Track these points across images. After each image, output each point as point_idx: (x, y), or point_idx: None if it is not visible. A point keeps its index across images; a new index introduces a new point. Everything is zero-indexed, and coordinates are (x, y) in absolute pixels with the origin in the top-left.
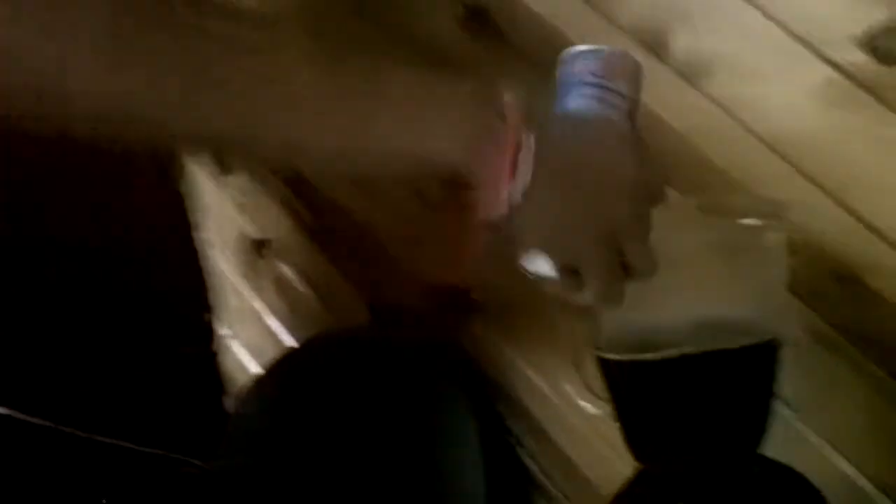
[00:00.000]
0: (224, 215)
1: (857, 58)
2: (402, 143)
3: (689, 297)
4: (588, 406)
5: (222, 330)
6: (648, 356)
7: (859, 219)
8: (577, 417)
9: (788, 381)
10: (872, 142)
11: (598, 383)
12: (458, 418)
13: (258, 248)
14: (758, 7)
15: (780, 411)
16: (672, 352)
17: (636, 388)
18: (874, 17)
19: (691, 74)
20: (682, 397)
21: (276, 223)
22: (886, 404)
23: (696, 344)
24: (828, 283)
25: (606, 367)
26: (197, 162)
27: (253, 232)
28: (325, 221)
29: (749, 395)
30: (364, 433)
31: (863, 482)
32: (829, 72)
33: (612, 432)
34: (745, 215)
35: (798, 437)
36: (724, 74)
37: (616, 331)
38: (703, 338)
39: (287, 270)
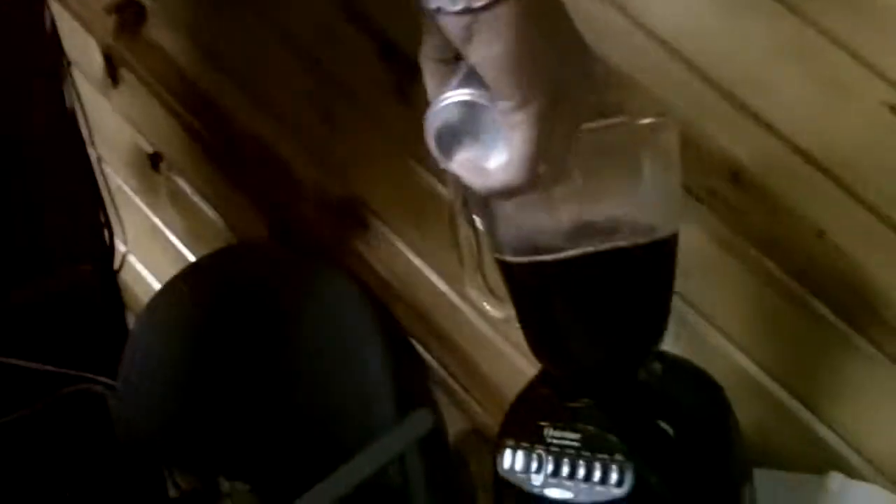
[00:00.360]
0: (116, 129)
1: None
2: None
3: (583, 197)
4: (491, 309)
5: (121, 247)
6: (545, 257)
7: (756, 119)
8: (480, 320)
9: (686, 279)
10: (770, 41)
11: (500, 286)
12: (361, 327)
13: (153, 162)
14: None
15: (679, 309)
16: (567, 253)
17: (536, 289)
18: None
19: None
20: (582, 297)
21: (169, 137)
22: (782, 301)
23: (592, 244)
24: (724, 182)
25: (506, 269)
26: (84, 75)
27: (146, 146)
28: (220, 135)
29: (647, 294)
30: (267, 344)
31: (761, 376)
32: None
33: (516, 334)
34: (639, 115)
35: (697, 333)
36: None
37: (512, 235)
38: (599, 238)
39: (184, 185)
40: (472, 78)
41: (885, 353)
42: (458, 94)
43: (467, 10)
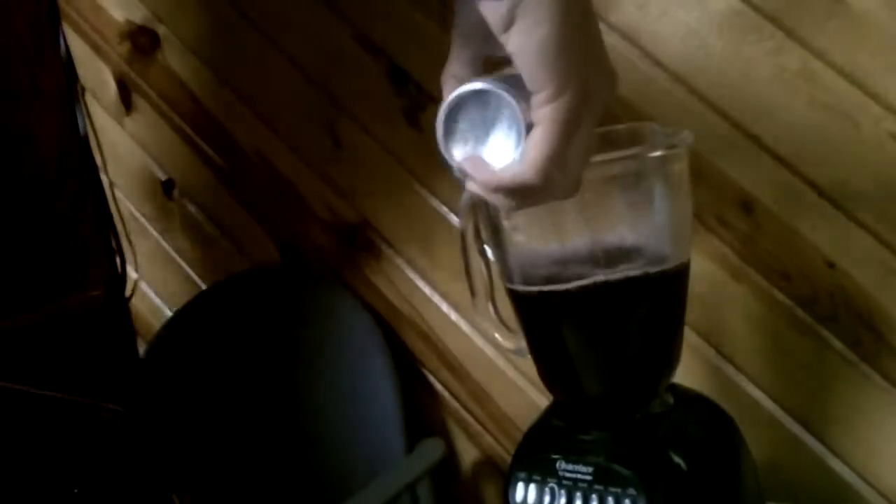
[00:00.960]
0: (129, 156)
1: None
2: None
3: (595, 227)
4: (502, 340)
5: (133, 273)
6: (556, 287)
7: (766, 148)
8: (493, 351)
9: (697, 309)
10: (775, 71)
11: (511, 318)
12: (370, 353)
13: (166, 188)
14: None
15: (691, 339)
16: (579, 283)
17: (547, 319)
18: None
19: (596, 5)
20: (593, 327)
21: (182, 163)
22: (793, 331)
23: (604, 274)
24: (735, 212)
25: (518, 299)
26: (98, 101)
27: (159, 173)
28: (232, 161)
29: (659, 324)
30: (277, 371)
31: (773, 407)
32: (732, 1)
33: (527, 365)
34: (649, 144)
35: (709, 364)
36: (630, 7)
37: (525, 264)
38: (610, 268)
39: (196, 211)
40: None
41: None
42: (473, 84)
43: None
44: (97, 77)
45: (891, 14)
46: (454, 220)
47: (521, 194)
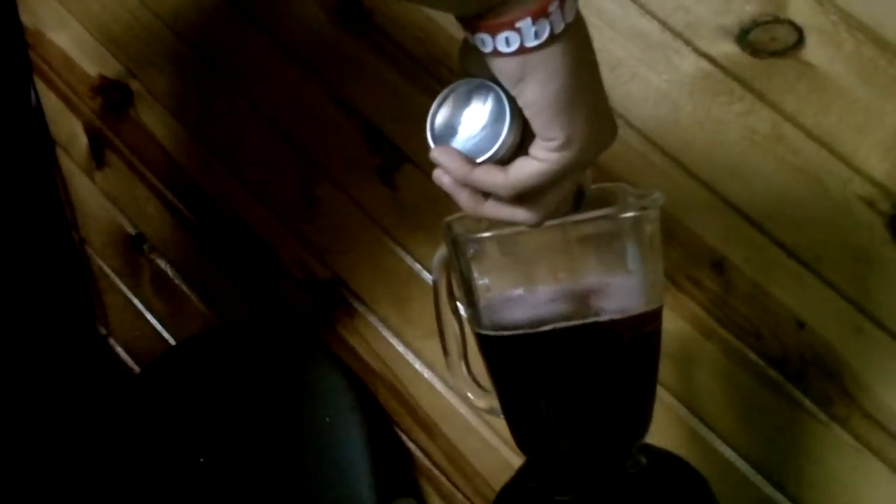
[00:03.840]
0: (99, 211)
1: (731, 50)
2: None
3: (566, 284)
4: (475, 399)
5: (102, 330)
6: (525, 331)
7: (735, 208)
8: (466, 410)
9: (669, 368)
10: (745, 133)
11: (484, 377)
12: (342, 411)
13: (136, 244)
14: (634, 1)
15: (663, 398)
16: (546, 327)
17: (516, 367)
18: (746, 10)
19: None
20: (563, 377)
21: (153, 219)
22: (765, 391)
23: (572, 320)
24: (706, 271)
25: (486, 343)
26: (70, 156)
27: (130, 228)
28: (203, 217)
29: (631, 376)
30: (246, 429)
31: (745, 468)
32: (703, 64)
33: (501, 424)
34: (622, 206)
35: (682, 424)
36: (601, 69)
37: (494, 312)
38: (580, 316)
39: (166, 267)
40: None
41: (868, 446)
42: (469, 79)
43: (522, 51)
44: (68, 132)
45: (858, 77)
46: (428, 278)
47: (488, 203)
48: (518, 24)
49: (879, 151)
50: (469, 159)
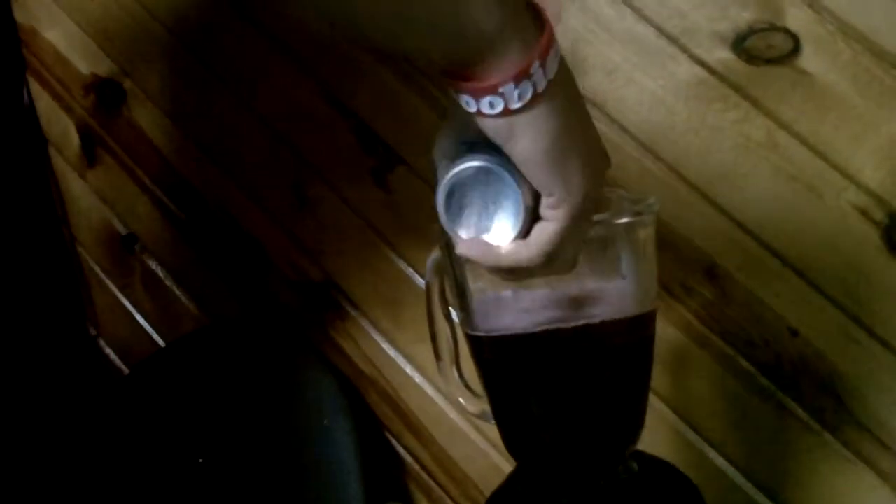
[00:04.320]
0: (90, 210)
1: (726, 57)
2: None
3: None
4: (466, 404)
5: (91, 330)
6: (518, 332)
7: (729, 216)
8: (457, 415)
9: (662, 375)
10: (740, 140)
11: (475, 381)
12: (333, 415)
13: (127, 243)
14: (631, 7)
15: (655, 405)
16: (538, 328)
17: (508, 370)
18: (742, 17)
19: None
20: (555, 380)
21: (144, 218)
22: (757, 399)
23: (565, 321)
24: (699, 279)
25: (480, 349)
26: (62, 154)
27: (121, 227)
28: (195, 217)
29: (623, 380)
30: (236, 430)
31: (737, 476)
32: (698, 70)
33: (492, 429)
34: (616, 211)
35: (673, 431)
36: (598, 74)
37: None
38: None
39: (156, 267)
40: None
41: (860, 456)
42: (476, 160)
43: (507, 113)
44: (60, 130)
45: (854, 87)
46: (420, 281)
47: (522, 273)
48: (501, 90)
49: (875, 161)
50: (494, 247)
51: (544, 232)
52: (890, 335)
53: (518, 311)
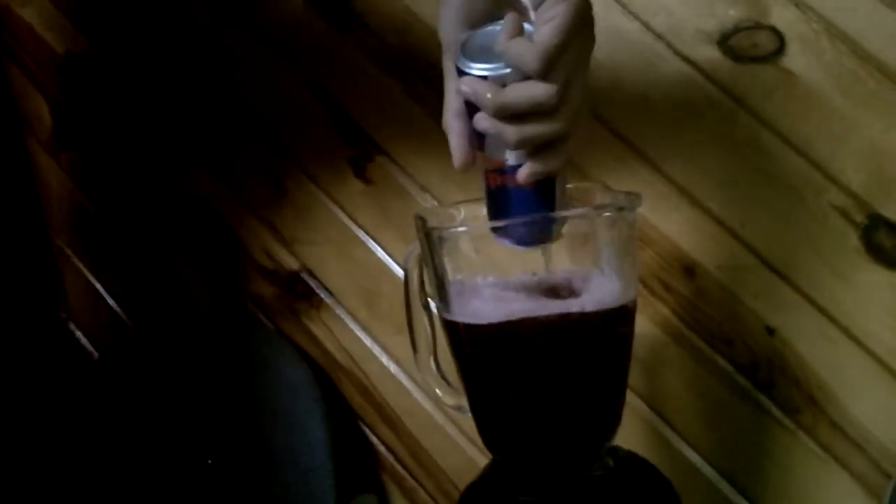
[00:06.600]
0: (61, 191)
1: (711, 54)
2: None
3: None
4: (443, 396)
5: (61, 314)
6: (493, 320)
7: (709, 214)
8: (433, 407)
9: (639, 372)
10: (723, 139)
11: (452, 373)
12: (306, 404)
13: (99, 226)
14: (618, 1)
15: (632, 402)
16: (516, 316)
17: (485, 360)
18: (729, 15)
19: None
20: (532, 371)
21: (116, 201)
22: (732, 397)
23: (545, 310)
24: (678, 276)
25: (458, 339)
26: (34, 133)
27: (92, 209)
28: (170, 201)
29: (600, 382)
30: (207, 419)
31: (710, 473)
32: (683, 67)
33: (467, 423)
34: (598, 205)
35: (649, 427)
36: None
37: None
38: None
39: (129, 251)
40: None
41: (834, 455)
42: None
43: None
44: (33, 110)
45: (837, 88)
46: (398, 272)
47: (525, 110)
48: None
49: (856, 162)
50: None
51: (546, 28)
52: (866, 336)
53: (497, 300)
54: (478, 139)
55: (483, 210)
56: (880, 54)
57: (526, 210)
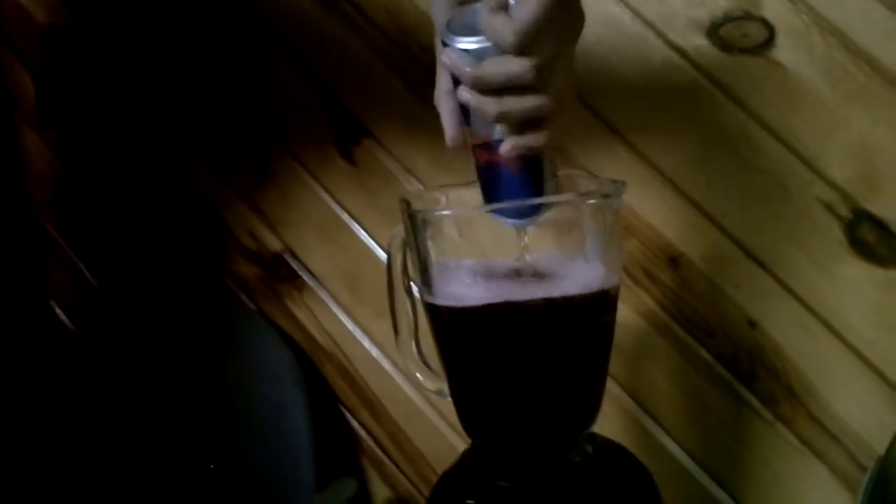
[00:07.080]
0: (45, 167)
1: (700, 44)
2: None
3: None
4: (424, 380)
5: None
6: (475, 303)
7: (695, 204)
8: (413, 391)
9: (620, 361)
10: (711, 130)
11: (434, 358)
12: (286, 386)
13: (81, 202)
14: None
15: (612, 390)
16: (497, 300)
17: (466, 343)
18: (719, 4)
19: None
20: (513, 356)
21: (100, 177)
22: (712, 388)
23: (527, 294)
24: (662, 266)
25: (440, 323)
26: (19, 108)
27: (75, 185)
28: (154, 180)
29: (580, 368)
30: (187, 401)
31: (689, 463)
32: (672, 55)
33: (447, 408)
34: (584, 192)
35: (629, 416)
36: None
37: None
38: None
39: (111, 228)
40: None
41: (812, 448)
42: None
43: None
44: (18, 84)
45: (826, 81)
46: (382, 256)
47: (502, 84)
48: None
49: (842, 156)
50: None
51: (527, 2)
52: (846, 330)
53: (480, 283)
54: (466, 116)
55: (468, 194)
56: (870, 49)
57: (512, 187)
